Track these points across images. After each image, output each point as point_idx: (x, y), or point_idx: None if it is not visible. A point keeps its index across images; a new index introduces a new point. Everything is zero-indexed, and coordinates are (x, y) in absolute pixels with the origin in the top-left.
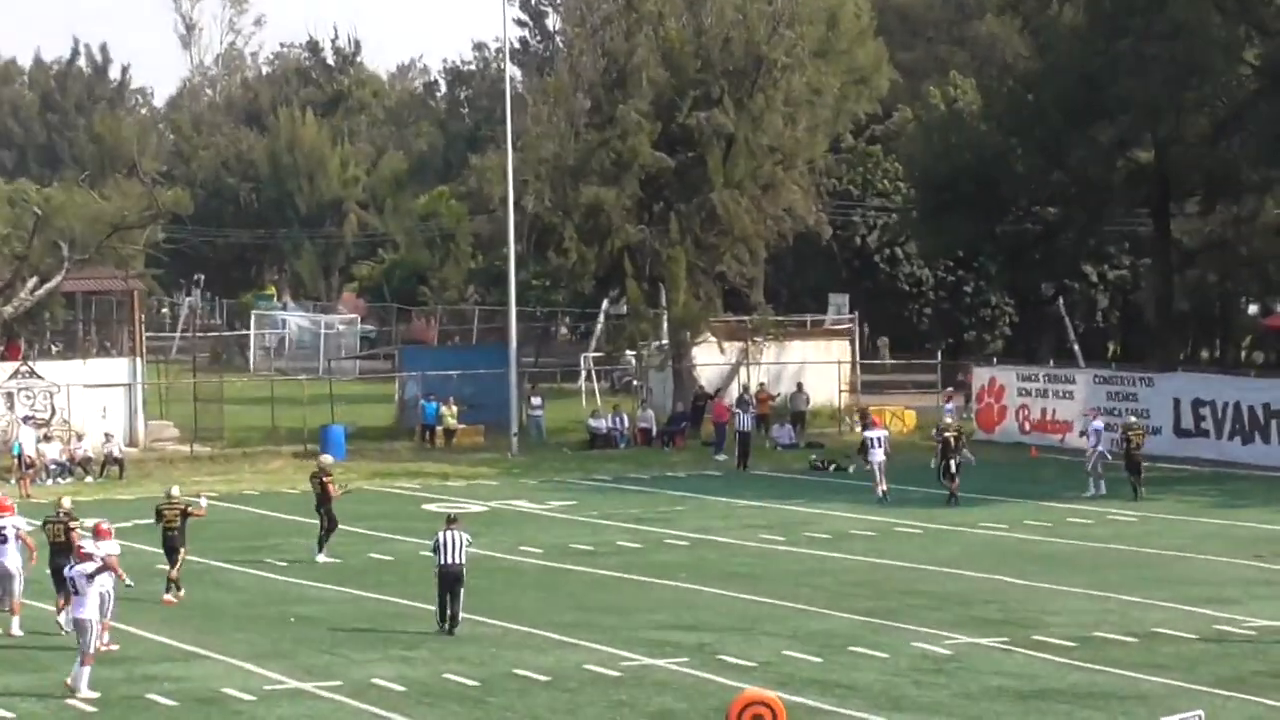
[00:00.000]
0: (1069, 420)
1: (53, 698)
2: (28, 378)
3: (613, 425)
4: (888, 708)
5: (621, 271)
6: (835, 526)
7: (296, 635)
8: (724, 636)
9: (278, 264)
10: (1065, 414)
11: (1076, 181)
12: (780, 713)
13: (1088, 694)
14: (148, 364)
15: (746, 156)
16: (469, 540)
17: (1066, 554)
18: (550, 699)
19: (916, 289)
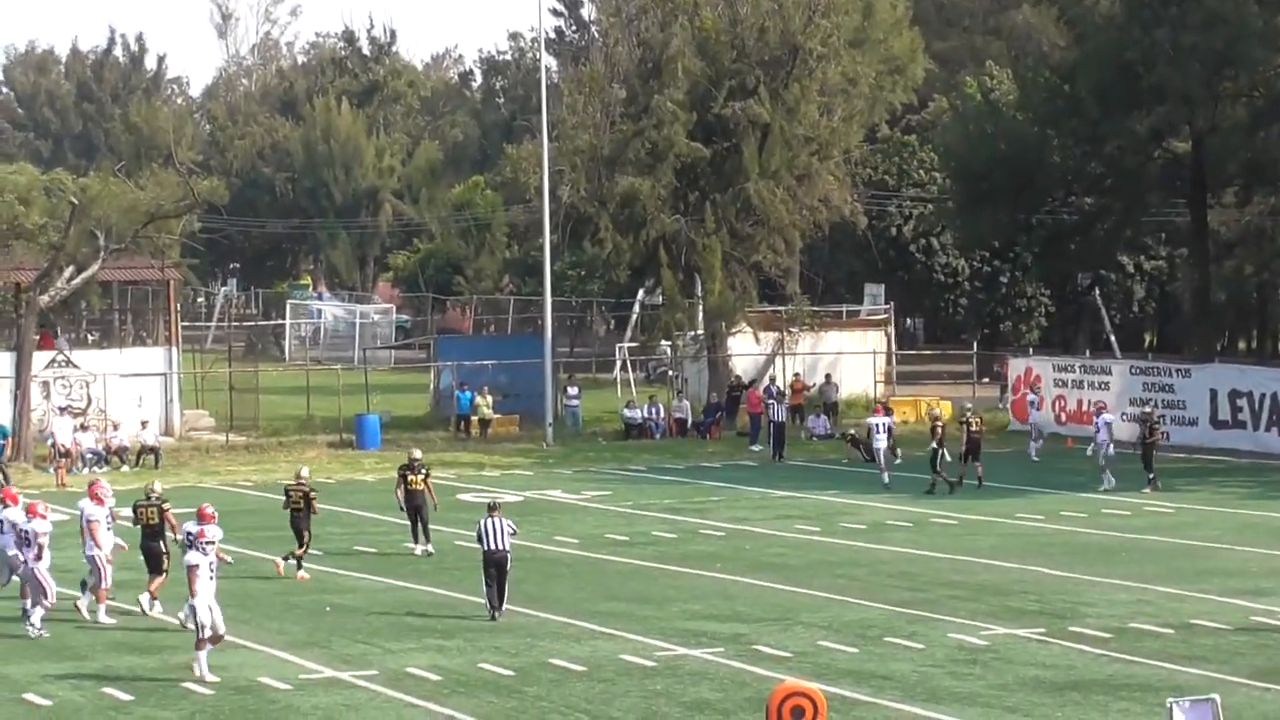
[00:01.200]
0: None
1: (89, 685)
2: (64, 367)
3: (648, 416)
4: (924, 698)
5: (657, 261)
6: (871, 517)
7: (332, 625)
8: (760, 627)
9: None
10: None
11: (1113, 172)
12: (821, 704)
13: (1124, 685)
14: (183, 353)
15: (782, 146)
16: (513, 527)
17: (1103, 545)
18: (585, 689)
19: (952, 279)
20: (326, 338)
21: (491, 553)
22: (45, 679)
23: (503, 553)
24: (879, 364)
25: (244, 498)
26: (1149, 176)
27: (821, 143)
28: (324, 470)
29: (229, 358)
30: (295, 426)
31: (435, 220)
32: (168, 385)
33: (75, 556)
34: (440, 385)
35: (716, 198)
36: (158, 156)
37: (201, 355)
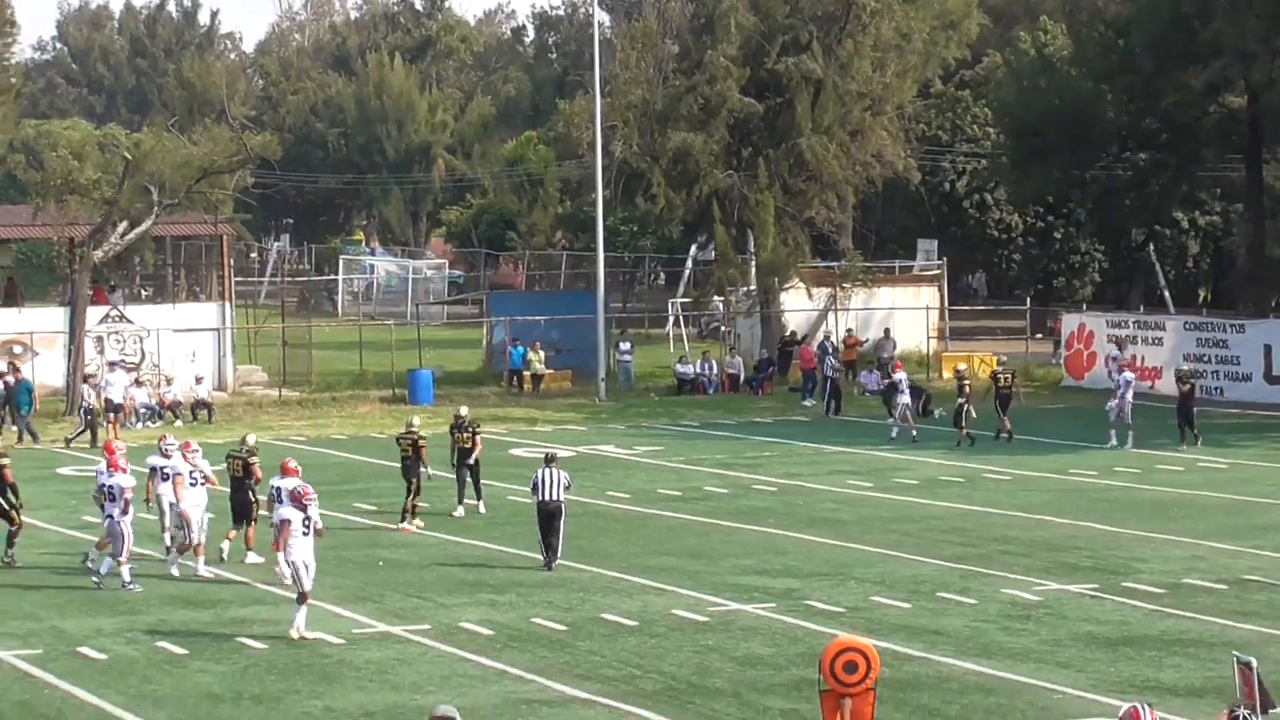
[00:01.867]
0: (1159, 367)
1: (143, 640)
2: (117, 322)
3: (700, 371)
4: (976, 654)
5: (709, 217)
6: (924, 473)
7: (385, 579)
8: (812, 582)
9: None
10: (1155, 360)
11: (1168, 127)
12: (874, 660)
13: (1177, 641)
14: (236, 309)
15: (835, 102)
16: (569, 480)
17: (1156, 501)
18: (638, 644)
19: (1005, 235)
20: (379, 293)
21: (544, 503)
22: (100, 633)
23: (555, 504)
24: (932, 320)
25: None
26: (1204, 132)
27: (875, 98)
28: (376, 425)
29: (282, 313)
30: (348, 382)
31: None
32: (221, 340)
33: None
34: (493, 341)
35: (769, 153)
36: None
37: (254, 310)
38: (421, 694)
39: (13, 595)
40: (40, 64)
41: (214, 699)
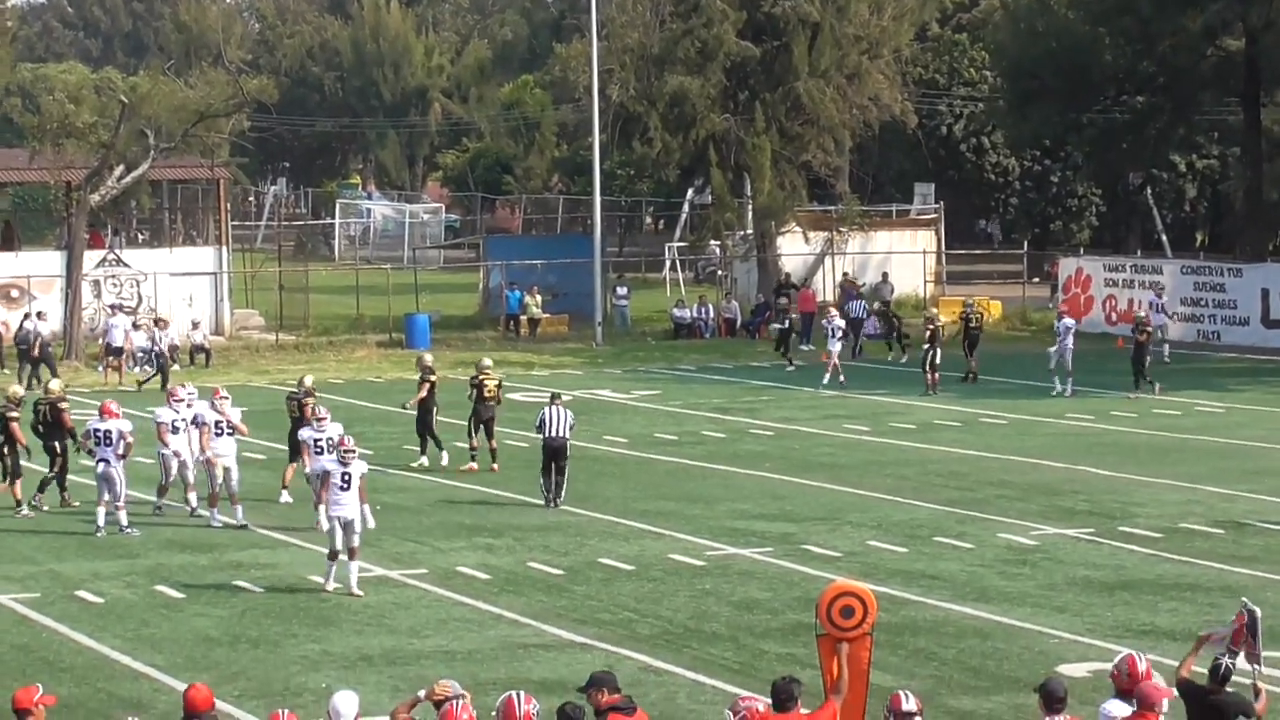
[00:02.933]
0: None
1: (141, 583)
2: (114, 266)
3: (697, 315)
4: (973, 598)
5: (706, 161)
6: (920, 417)
7: (383, 524)
8: (808, 526)
9: (362, 153)
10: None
11: (1165, 70)
12: (871, 604)
13: (1174, 585)
14: (233, 253)
15: (832, 45)
16: (573, 419)
17: (1153, 445)
18: (635, 588)
19: (1003, 179)
20: (376, 237)
21: (551, 439)
22: (98, 577)
23: (562, 440)
24: (929, 264)
25: None
26: (1202, 75)
27: (871, 41)
28: (373, 370)
29: (278, 257)
30: (345, 326)
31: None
32: (217, 284)
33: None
34: (489, 285)
35: (766, 97)
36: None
37: (251, 254)
38: (419, 638)
39: (10, 539)
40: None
41: (211, 642)
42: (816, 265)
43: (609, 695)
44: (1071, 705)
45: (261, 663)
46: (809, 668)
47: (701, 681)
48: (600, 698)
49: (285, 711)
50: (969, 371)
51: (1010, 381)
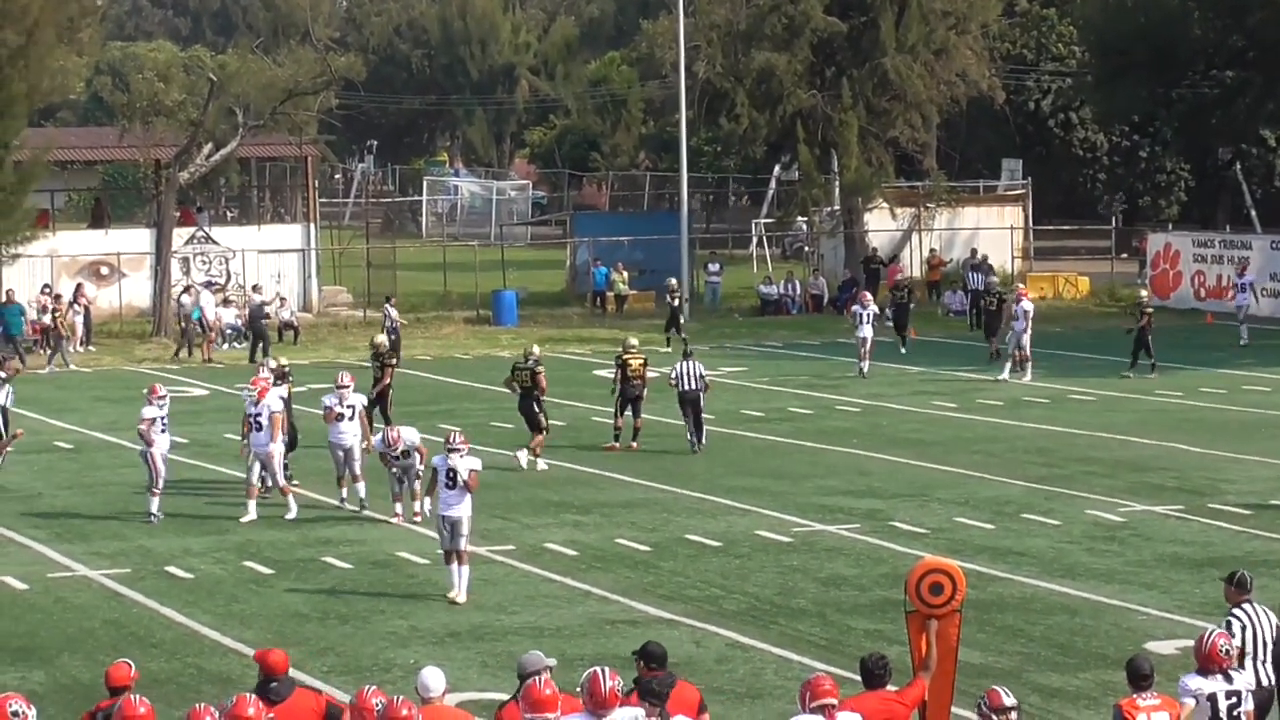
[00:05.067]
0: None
1: (230, 559)
2: (203, 243)
3: (784, 292)
4: (1060, 574)
5: (793, 137)
6: (1008, 393)
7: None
8: (895, 503)
9: (449, 130)
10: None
11: (1255, 44)
12: (960, 581)
13: (1264, 561)
14: (321, 230)
15: (919, 20)
16: (704, 371)
17: (1243, 421)
18: (721, 564)
19: (1091, 154)
20: (463, 214)
21: (685, 393)
22: (188, 553)
23: (695, 392)
24: (1016, 239)
25: None
26: None
27: (959, 16)
28: (461, 346)
29: (366, 234)
30: (432, 303)
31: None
32: (305, 261)
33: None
34: (576, 261)
35: (853, 73)
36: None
37: (339, 231)
38: (506, 614)
39: (101, 516)
40: None
41: (301, 618)
42: (903, 241)
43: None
44: (1159, 682)
45: (350, 638)
46: (896, 644)
47: (788, 658)
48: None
49: (371, 687)
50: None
51: (1099, 358)
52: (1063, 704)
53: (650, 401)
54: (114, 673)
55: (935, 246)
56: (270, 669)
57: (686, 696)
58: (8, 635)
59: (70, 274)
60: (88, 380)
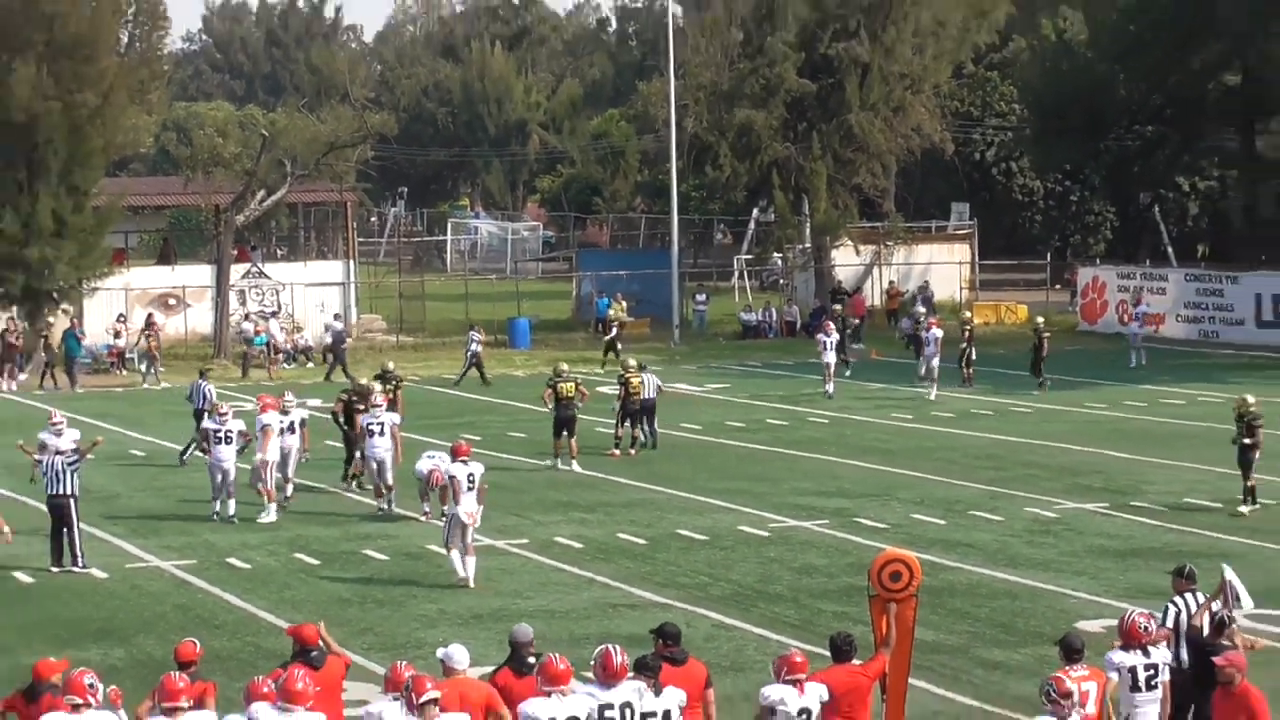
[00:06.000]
0: (1162, 313)
1: (282, 552)
2: (257, 277)
3: (762, 318)
4: (1003, 564)
5: (769, 184)
6: (959, 407)
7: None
8: (861, 502)
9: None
10: (1159, 308)
11: (1172, 103)
12: (916, 570)
13: (1177, 553)
14: (359, 265)
15: (880, 82)
16: (659, 382)
17: (1161, 431)
18: (709, 556)
19: (1028, 199)
20: (482, 252)
21: (645, 400)
22: (245, 546)
23: (652, 400)
24: (964, 273)
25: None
26: (1204, 107)
27: (914, 78)
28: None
29: (398, 269)
30: (456, 328)
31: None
32: (346, 293)
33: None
34: (581, 292)
35: (822, 127)
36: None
37: (374, 267)
38: (522, 599)
39: (170, 515)
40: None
41: (344, 602)
42: (866, 275)
43: (666, 645)
44: (1088, 656)
45: (387, 620)
46: (860, 624)
47: (767, 636)
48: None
49: (403, 662)
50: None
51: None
52: (1004, 676)
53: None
54: (182, 650)
55: (894, 279)
56: (306, 640)
57: (695, 672)
58: (91, 618)
59: (141, 305)
60: (158, 397)
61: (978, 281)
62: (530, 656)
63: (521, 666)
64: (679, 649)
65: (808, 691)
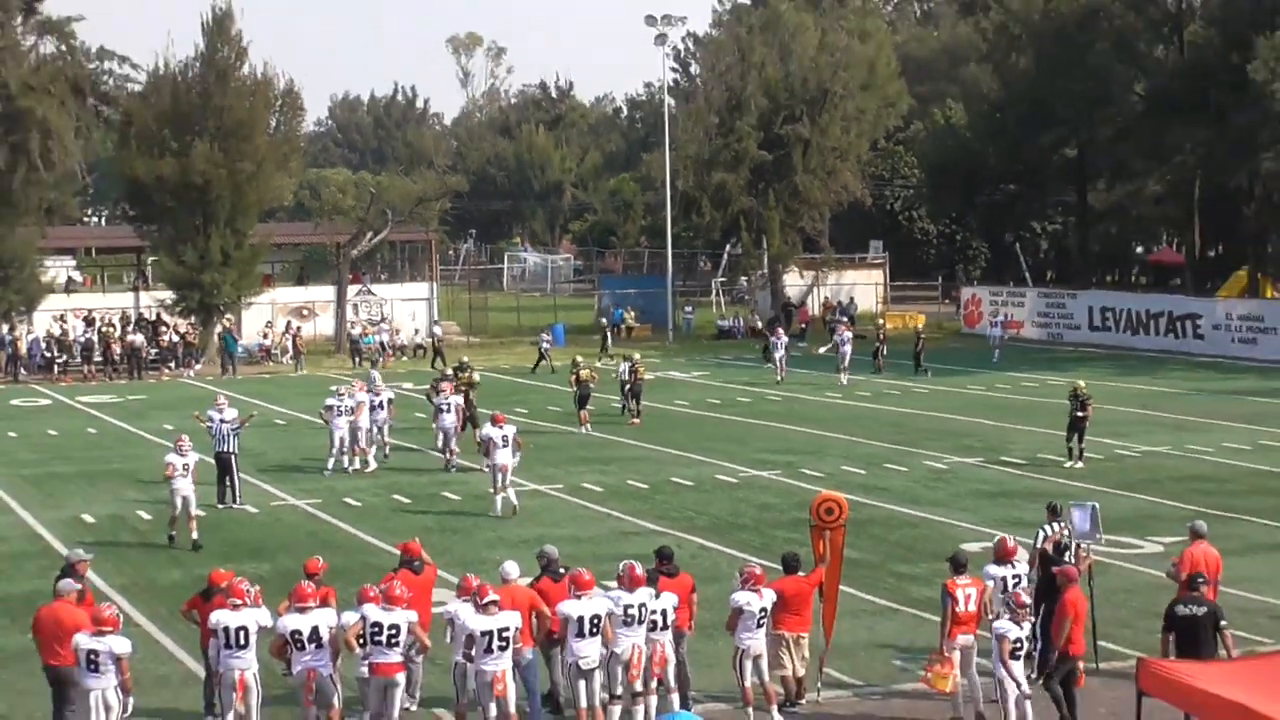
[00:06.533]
0: (1022, 321)
1: (383, 494)
2: (367, 295)
3: (733, 324)
4: (908, 502)
5: (738, 226)
6: (874, 389)
7: (535, 457)
8: (804, 458)
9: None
10: (1019, 316)
11: (1028, 169)
12: (844, 506)
13: (1034, 493)
14: (439, 286)
15: (817, 153)
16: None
17: (1021, 406)
18: (694, 497)
19: (925, 237)
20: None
21: (624, 382)
22: (357, 490)
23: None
24: (879, 291)
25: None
26: (1051, 172)
27: (843, 150)
28: (528, 359)
29: (468, 288)
30: (510, 331)
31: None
32: (431, 306)
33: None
34: (601, 305)
35: (776, 186)
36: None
37: (451, 287)
38: (558, 528)
39: (302, 467)
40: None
41: (428, 530)
42: (808, 293)
43: (662, 562)
44: (970, 570)
45: (460, 544)
46: (804, 546)
47: (735, 555)
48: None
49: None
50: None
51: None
52: (909, 583)
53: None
54: (310, 564)
55: (828, 295)
56: (411, 552)
57: (684, 582)
58: (246, 541)
59: (283, 314)
60: (297, 382)
61: (889, 297)
62: (560, 568)
63: (555, 576)
64: (672, 565)
65: (764, 595)
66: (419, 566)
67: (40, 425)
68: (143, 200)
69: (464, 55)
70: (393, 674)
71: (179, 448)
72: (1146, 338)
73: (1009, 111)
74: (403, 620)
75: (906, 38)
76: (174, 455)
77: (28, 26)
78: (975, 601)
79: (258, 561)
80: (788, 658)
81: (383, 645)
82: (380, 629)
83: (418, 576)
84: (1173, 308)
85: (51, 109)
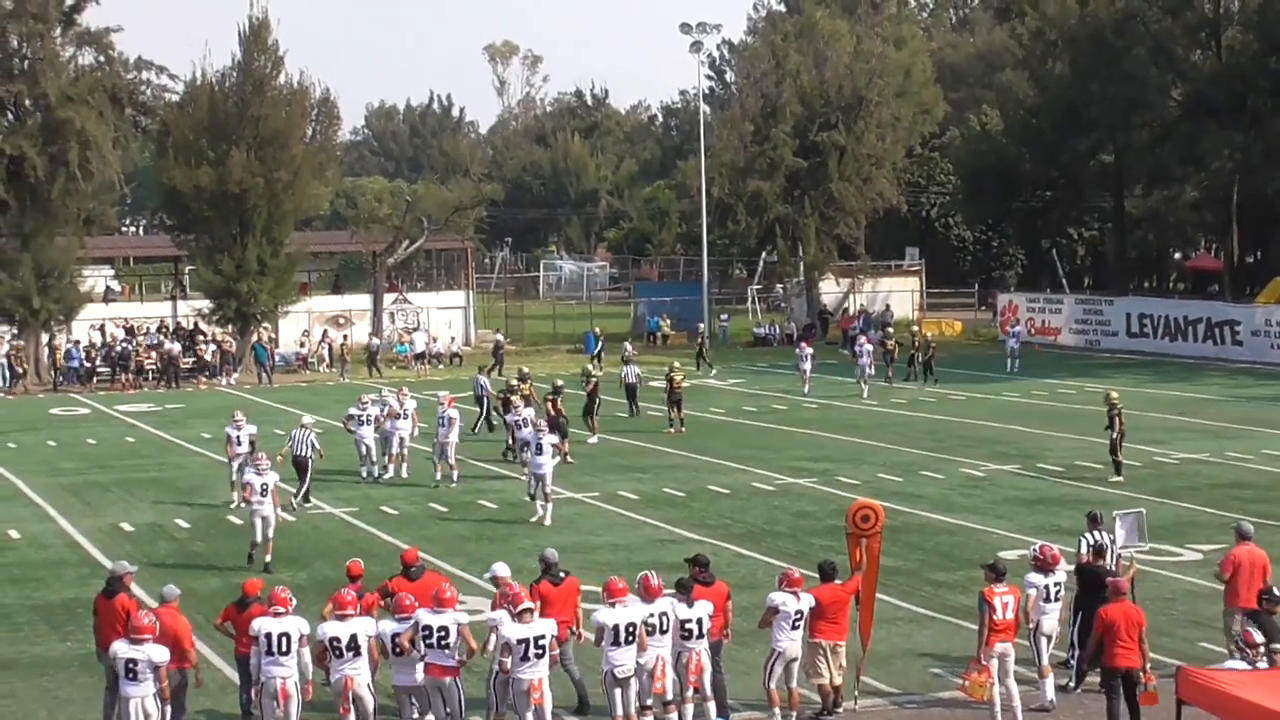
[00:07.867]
0: (1059, 327)
1: (420, 503)
2: (404, 304)
3: (768, 331)
4: (944, 510)
5: (773, 234)
6: (910, 396)
7: (574, 466)
8: (840, 465)
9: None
10: (1055, 323)
11: (1064, 175)
12: (880, 514)
13: (1072, 500)
14: (475, 294)
15: (853, 160)
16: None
17: (1058, 412)
18: (731, 505)
19: (961, 244)
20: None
21: (629, 385)
22: (394, 498)
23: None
24: (915, 299)
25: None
26: (1087, 178)
27: (878, 158)
28: (564, 366)
29: (504, 296)
30: (546, 338)
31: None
32: (467, 314)
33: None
34: (637, 313)
35: (811, 193)
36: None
37: (487, 295)
38: (595, 535)
39: (339, 474)
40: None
41: (464, 539)
42: (844, 300)
43: (699, 570)
44: (1009, 577)
45: (496, 553)
46: (841, 554)
47: (772, 563)
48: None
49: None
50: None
51: (968, 372)
52: (947, 591)
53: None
54: (353, 567)
55: (863, 303)
56: (408, 560)
57: (720, 589)
58: (284, 549)
59: (319, 323)
60: (332, 390)
61: (925, 304)
62: (561, 572)
63: (555, 579)
64: (708, 573)
65: (802, 599)
66: (416, 572)
67: (79, 434)
68: (180, 209)
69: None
70: (443, 677)
71: (257, 467)
72: (1184, 344)
73: (1045, 117)
74: (451, 622)
75: (942, 44)
76: (252, 475)
77: (67, 38)
78: (1013, 609)
79: (294, 569)
80: (825, 666)
81: (434, 647)
82: (430, 631)
83: (416, 582)
84: (1211, 314)
85: (90, 119)
